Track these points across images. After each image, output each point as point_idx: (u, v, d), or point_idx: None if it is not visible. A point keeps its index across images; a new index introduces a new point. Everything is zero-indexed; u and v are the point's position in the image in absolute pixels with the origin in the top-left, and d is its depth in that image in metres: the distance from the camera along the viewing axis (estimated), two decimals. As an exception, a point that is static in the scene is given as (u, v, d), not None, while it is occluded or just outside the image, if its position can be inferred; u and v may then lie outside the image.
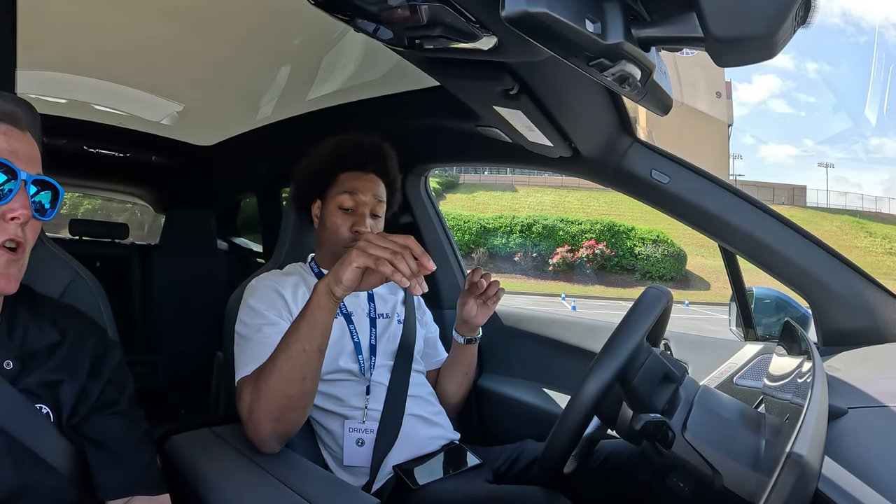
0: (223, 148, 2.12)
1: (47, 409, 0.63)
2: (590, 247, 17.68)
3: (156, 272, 2.37)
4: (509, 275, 17.73)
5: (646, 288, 0.83)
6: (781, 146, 59.00)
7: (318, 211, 1.11)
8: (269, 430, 0.82)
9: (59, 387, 0.64)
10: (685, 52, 0.49)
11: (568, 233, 18.06)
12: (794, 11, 0.39)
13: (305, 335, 0.78)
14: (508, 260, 18.33)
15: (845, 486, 0.49)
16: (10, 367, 0.61)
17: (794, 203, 23.05)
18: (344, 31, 1.14)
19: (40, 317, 0.66)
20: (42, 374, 0.63)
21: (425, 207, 1.61)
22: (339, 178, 1.09)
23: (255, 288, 1.00)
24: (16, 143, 0.60)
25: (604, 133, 1.06)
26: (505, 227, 18.63)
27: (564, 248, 17.85)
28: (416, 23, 0.55)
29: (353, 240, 1.03)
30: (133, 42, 1.31)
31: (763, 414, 0.79)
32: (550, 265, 17.77)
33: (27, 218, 0.59)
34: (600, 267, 17.56)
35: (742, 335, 1.22)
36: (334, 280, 0.76)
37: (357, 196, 1.06)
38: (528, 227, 18.40)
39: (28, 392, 0.61)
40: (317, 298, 0.78)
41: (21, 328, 0.64)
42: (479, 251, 18.52)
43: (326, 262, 1.10)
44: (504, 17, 0.44)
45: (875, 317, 0.98)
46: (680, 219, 1.12)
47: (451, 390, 1.18)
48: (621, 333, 0.75)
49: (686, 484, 0.75)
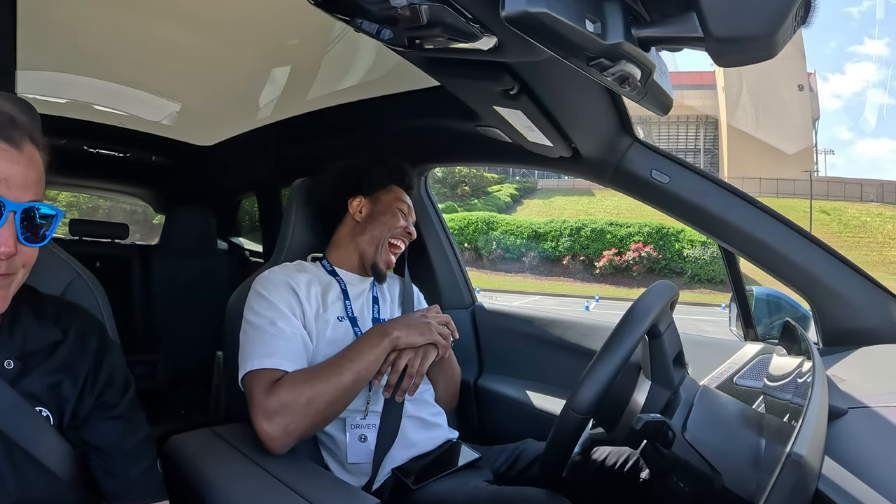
0: (223, 148, 2.12)
1: (47, 412, 0.62)
2: (636, 249, 17.48)
3: (156, 272, 2.37)
4: (557, 278, 18.03)
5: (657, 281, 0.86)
6: (880, 140, 53.15)
7: (360, 206, 1.14)
8: (298, 436, 0.85)
9: (59, 388, 0.63)
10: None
11: (616, 236, 17.97)
12: (794, 11, 0.39)
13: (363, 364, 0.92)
14: (557, 264, 18.50)
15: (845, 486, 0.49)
16: (11, 367, 0.60)
17: (885, 200, 20.88)
18: (344, 31, 1.14)
19: (43, 316, 0.65)
20: (43, 373, 0.62)
21: (425, 207, 1.61)
22: (393, 190, 1.18)
23: (268, 280, 1.00)
24: (8, 167, 0.55)
25: (604, 133, 1.06)
26: (555, 231, 18.83)
27: (611, 251, 17.78)
28: (417, 23, 0.55)
29: (402, 234, 1.14)
30: (133, 42, 1.31)
31: (763, 414, 0.79)
32: (597, 268, 17.75)
33: (9, 254, 0.55)
34: (648, 270, 17.29)
35: (742, 335, 1.22)
36: (405, 335, 0.96)
37: (410, 209, 1.20)
38: (577, 230, 18.50)
39: (28, 394, 0.60)
40: (376, 340, 0.95)
41: (23, 327, 0.63)
42: (530, 255, 18.74)
43: (351, 259, 1.13)
44: (504, 17, 0.44)
45: (875, 317, 0.98)
46: (680, 219, 1.12)
47: (439, 394, 1.18)
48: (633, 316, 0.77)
49: (686, 484, 0.75)
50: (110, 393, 0.67)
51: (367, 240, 1.12)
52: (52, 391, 0.62)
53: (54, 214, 0.60)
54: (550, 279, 18.17)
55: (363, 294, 1.11)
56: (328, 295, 1.05)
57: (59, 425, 0.62)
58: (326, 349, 0.98)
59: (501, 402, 1.40)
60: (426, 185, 1.64)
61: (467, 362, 1.51)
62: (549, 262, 18.65)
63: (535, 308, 1.66)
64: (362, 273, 1.13)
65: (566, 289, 16.80)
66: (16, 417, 0.58)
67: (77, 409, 0.64)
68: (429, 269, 1.59)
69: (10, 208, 0.55)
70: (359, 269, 1.13)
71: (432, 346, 1.01)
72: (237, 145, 2.03)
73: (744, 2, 0.39)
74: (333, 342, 0.99)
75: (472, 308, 1.63)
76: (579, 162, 1.14)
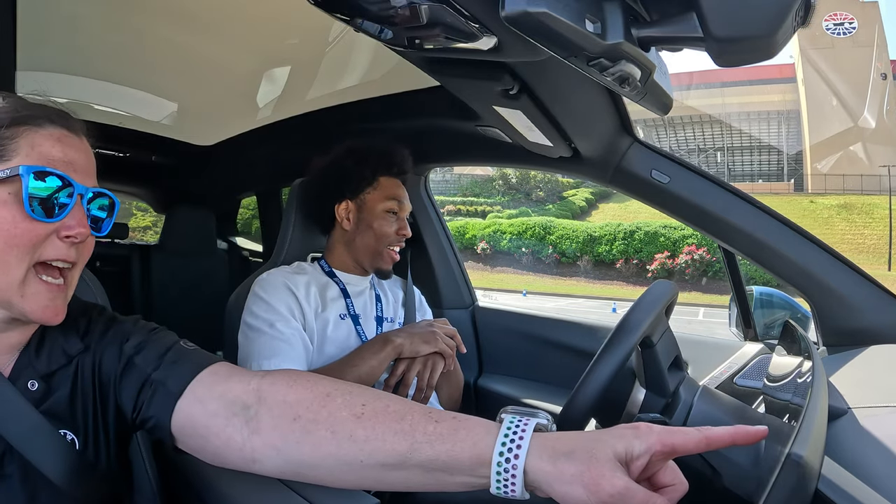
0: (223, 148, 2.12)
1: (72, 436, 0.57)
2: (689, 252, 17.34)
3: (156, 272, 2.37)
4: (611, 281, 18.15)
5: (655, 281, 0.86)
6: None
7: (348, 213, 1.08)
8: None
9: (84, 405, 0.58)
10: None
11: (669, 238, 17.94)
12: (794, 11, 0.39)
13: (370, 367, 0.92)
14: (611, 267, 18.58)
15: (845, 486, 0.49)
16: (35, 388, 0.55)
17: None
18: (344, 31, 1.13)
19: (70, 330, 0.59)
20: (65, 393, 0.57)
21: (425, 207, 1.61)
22: (381, 183, 1.09)
23: (266, 282, 0.99)
24: (72, 153, 0.54)
25: (604, 133, 1.06)
26: (609, 234, 18.89)
27: (664, 254, 17.74)
28: (417, 23, 0.55)
29: (398, 241, 1.08)
30: (133, 42, 1.31)
31: (763, 414, 0.79)
32: (649, 271, 17.69)
33: (84, 237, 0.54)
34: (701, 273, 17.16)
35: (742, 335, 1.22)
36: (409, 343, 0.95)
37: (402, 203, 1.09)
38: (631, 234, 18.53)
39: (53, 415, 0.56)
40: (379, 346, 0.95)
41: (50, 343, 0.58)
42: (584, 259, 18.82)
43: (347, 264, 1.10)
44: (504, 17, 0.44)
45: (875, 317, 0.98)
46: (680, 219, 1.12)
47: (442, 400, 1.18)
48: (633, 315, 0.76)
49: (686, 484, 0.75)
50: (143, 358, 0.59)
51: (360, 250, 1.08)
52: (76, 411, 0.58)
53: (114, 204, 0.59)
54: (604, 283, 18.27)
55: (364, 292, 1.11)
56: (327, 294, 1.05)
57: (83, 448, 0.58)
58: (328, 348, 0.98)
59: (501, 401, 1.40)
60: (426, 186, 1.64)
61: (467, 362, 1.51)
62: (604, 265, 18.74)
63: (534, 308, 1.66)
64: (361, 273, 1.12)
65: (619, 293, 16.65)
66: (35, 439, 0.54)
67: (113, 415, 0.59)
68: (429, 268, 1.59)
69: (78, 191, 0.54)
70: (358, 269, 1.12)
71: (439, 356, 0.99)
72: (237, 145, 2.03)
73: (744, 2, 0.39)
74: (335, 341, 0.99)
75: (472, 308, 1.63)
76: (579, 162, 1.14)
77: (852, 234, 19.40)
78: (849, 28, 24.54)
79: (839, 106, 24.38)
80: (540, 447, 0.45)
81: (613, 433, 0.45)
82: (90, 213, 0.57)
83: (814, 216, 20.37)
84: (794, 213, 19.14)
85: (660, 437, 0.43)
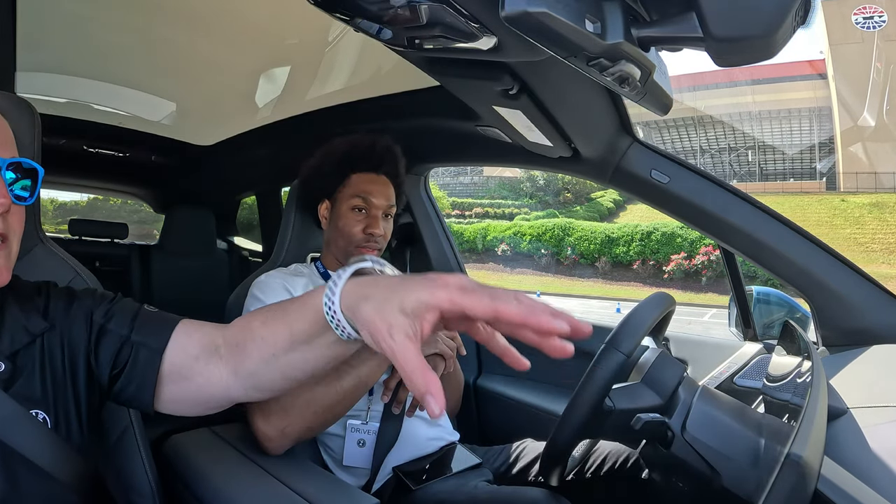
0: (223, 148, 2.12)
1: (44, 415, 0.58)
2: (706, 253, 17.10)
3: (155, 272, 2.37)
4: (628, 283, 18.09)
5: (654, 292, 0.85)
6: None
7: (327, 212, 1.09)
8: (295, 437, 0.85)
9: (54, 384, 0.59)
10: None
11: (686, 239, 17.77)
12: (794, 11, 0.39)
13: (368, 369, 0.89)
14: (629, 268, 18.56)
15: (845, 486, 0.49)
16: (2, 370, 0.57)
17: None
18: (343, 31, 1.13)
19: (30, 309, 0.61)
20: (34, 372, 0.59)
21: (425, 207, 1.61)
22: (351, 180, 1.06)
23: (264, 284, 0.99)
24: None
25: (604, 133, 1.06)
26: (627, 235, 18.85)
27: (680, 255, 17.62)
28: (416, 23, 0.55)
29: (365, 241, 1.03)
30: (133, 42, 1.31)
31: (763, 414, 0.79)
32: (666, 272, 17.60)
33: (6, 207, 0.55)
34: (719, 274, 16.76)
35: (741, 335, 1.22)
36: None
37: (370, 199, 1.05)
38: (648, 234, 18.45)
39: (23, 397, 0.57)
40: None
41: (10, 323, 0.59)
42: (602, 260, 18.80)
43: (334, 264, 1.09)
44: (504, 17, 0.44)
45: (875, 317, 0.98)
46: (680, 219, 1.12)
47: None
48: (627, 326, 0.76)
49: (686, 484, 0.75)
50: (115, 324, 0.62)
51: (336, 251, 1.07)
52: (46, 389, 0.59)
53: (37, 170, 0.60)
54: (621, 284, 18.21)
55: None
56: None
57: (55, 425, 0.59)
58: None
59: (501, 402, 1.40)
60: (426, 185, 1.64)
61: (467, 362, 1.51)
62: (622, 266, 18.72)
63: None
64: None
65: (636, 294, 16.46)
66: (8, 422, 0.55)
67: (84, 390, 0.61)
68: (428, 269, 1.59)
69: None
70: None
71: (439, 357, 0.98)
72: (237, 145, 2.03)
73: (744, 2, 0.39)
74: None
75: (472, 308, 1.62)
76: (579, 162, 1.14)
77: (884, 232, 19.00)
78: (878, 22, 23.56)
79: (871, 101, 23.19)
80: (350, 292, 0.48)
81: (413, 284, 0.45)
82: (13, 192, 0.57)
83: (845, 215, 19.99)
84: (825, 212, 19.00)
85: (450, 295, 0.43)
